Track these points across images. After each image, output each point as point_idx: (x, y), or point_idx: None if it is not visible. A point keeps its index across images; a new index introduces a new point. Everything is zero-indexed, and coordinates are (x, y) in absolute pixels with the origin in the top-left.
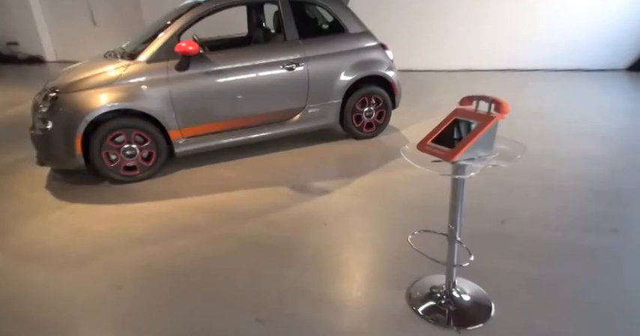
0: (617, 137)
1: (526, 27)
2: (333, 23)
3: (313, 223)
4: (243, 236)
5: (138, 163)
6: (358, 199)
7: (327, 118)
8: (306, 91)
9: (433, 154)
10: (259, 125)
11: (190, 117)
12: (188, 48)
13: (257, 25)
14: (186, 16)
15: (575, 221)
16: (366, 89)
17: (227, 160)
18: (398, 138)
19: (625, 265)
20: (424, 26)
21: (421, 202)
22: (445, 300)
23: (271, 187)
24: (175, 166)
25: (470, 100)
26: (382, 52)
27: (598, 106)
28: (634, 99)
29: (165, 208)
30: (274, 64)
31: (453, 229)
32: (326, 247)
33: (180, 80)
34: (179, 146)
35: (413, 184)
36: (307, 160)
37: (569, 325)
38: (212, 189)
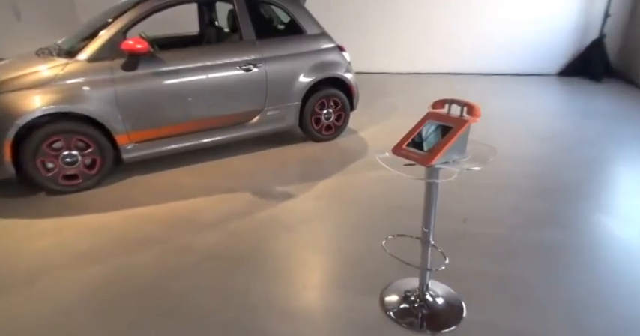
0: (555, 138)
1: (468, 34)
2: (290, 24)
3: (278, 230)
4: (204, 248)
5: (80, 171)
6: (323, 203)
7: (286, 121)
8: (264, 93)
9: (409, 159)
10: (215, 128)
11: (139, 120)
12: (136, 46)
13: (209, 24)
14: (133, 12)
15: (528, 218)
16: (325, 91)
17: (182, 166)
18: (357, 140)
19: (576, 258)
20: (375, 30)
21: (386, 204)
22: (419, 303)
23: (231, 194)
24: (124, 174)
25: (442, 104)
26: (340, 54)
27: (535, 109)
28: (565, 102)
29: (113, 220)
30: (230, 64)
31: (427, 232)
32: (293, 255)
33: (128, 81)
34: (127, 152)
35: (376, 187)
36: (267, 164)
37: (537, 323)
38: (166, 197)
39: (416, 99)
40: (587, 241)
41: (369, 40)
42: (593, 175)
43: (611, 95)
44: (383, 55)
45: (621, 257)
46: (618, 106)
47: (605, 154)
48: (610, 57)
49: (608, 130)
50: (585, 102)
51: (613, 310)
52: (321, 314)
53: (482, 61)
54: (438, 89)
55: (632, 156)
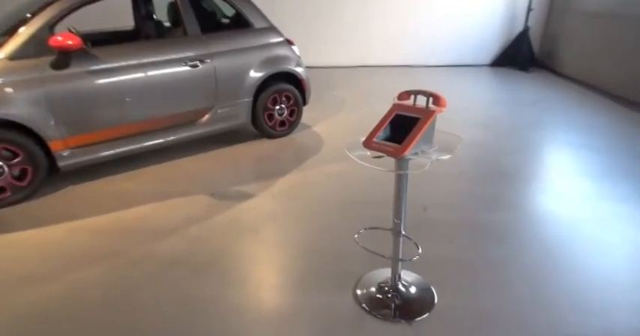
0: (495, 125)
1: (406, 27)
2: (236, 18)
3: (241, 231)
4: (164, 256)
5: (7, 183)
6: (283, 200)
7: (238, 118)
8: (214, 90)
9: (381, 151)
10: (162, 129)
11: (75, 124)
12: (66, 42)
13: (146, 18)
14: (60, 4)
15: (482, 203)
16: (277, 86)
17: (127, 171)
18: (311, 135)
19: (527, 237)
20: (318, 25)
21: (348, 198)
22: (392, 294)
23: (186, 198)
24: (61, 183)
25: (407, 95)
26: (289, 48)
27: (473, 98)
28: (499, 91)
29: (54, 235)
30: (175, 60)
31: (398, 223)
32: (261, 257)
33: (60, 81)
34: (63, 159)
35: (335, 181)
36: (221, 164)
37: (505, 302)
38: (112, 206)
39: (363, 92)
40: (535, 221)
41: (313, 35)
42: (533, 158)
43: (538, 84)
44: (326, 50)
45: (565, 232)
46: (545, 93)
47: (541, 138)
48: (534, 48)
49: (540, 116)
50: (517, 90)
51: (564, 281)
52: (296, 316)
53: (421, 53)
54: (382, 82)
55: (564, 140)
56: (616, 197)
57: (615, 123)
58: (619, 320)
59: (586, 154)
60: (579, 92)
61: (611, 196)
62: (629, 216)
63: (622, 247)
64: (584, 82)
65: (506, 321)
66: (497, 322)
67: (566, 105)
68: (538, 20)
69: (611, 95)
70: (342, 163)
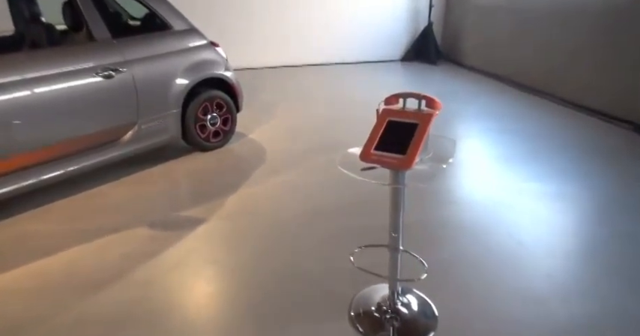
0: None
1: (318, 25)
2: (150, 19)
3: (199, 265)
4: (107, 315)
5: None
6: (239, 220)
7: (167, 132)
8: (135, 103)
9: (383, 164)
10: (75, 154)
11: None
12: None
13: (31, 21)
14: None
15: (434, 201)
16: (207, 94)
17: (32, 208)
18: (249, 144)
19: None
20: (231, 26)
21: (308, 208)
22: (391, 315)
23: (119, 233)
24: None
25: (396, 99)
26: (214, 50)
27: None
28: (413, 84)
29: None
30: (84, 71)
31: (396, 237)
32: (231, 292)
33: None
34: None
35: (289, 191)
36: (153, 186)
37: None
38: (25, 256)
39: (289, 93)
40: (476, 213)
41: (226, 37)
42: (468, 148)
43: (447, 76)
44: (240, 51)
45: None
46: (453, 84)
47: (466, 129)
48: (438, 42)
49: (458, 109)
50: (430, 83)
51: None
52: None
53: (336, 50)
54: (304, 82)
55: (486, 129)
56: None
57: (518, 107)
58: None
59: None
60: (481, 81)
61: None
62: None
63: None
64: (485, 71)
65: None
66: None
67: (472, 94)
68: (439, 16)
69: (510, 81)
70: (291, 171)
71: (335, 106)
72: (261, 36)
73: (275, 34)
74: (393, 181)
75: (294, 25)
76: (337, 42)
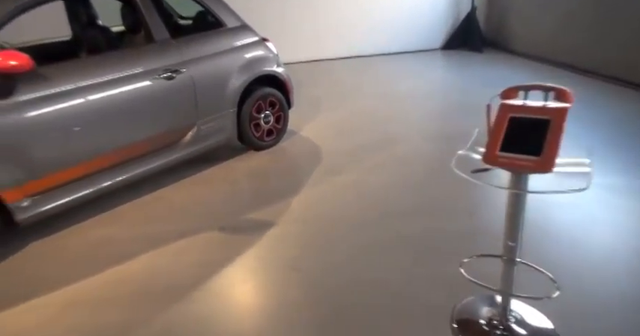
0: (479, 110)
1: (361, 16)
2: (202, 17)
3: (279, 272)
4: (197, 321)
5: None
6: (311, 224)
7: (224, 133)
8: (195, 103)
9: (516, 167)
10: (140, 157)
11: (34, 165)
12: (9, 63)
13: (88, 25)
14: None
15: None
16: (261, 92)
17: (100, 213)
18: (302, 142)
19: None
20: (265, 19)
21: (379, 210)
22: (502, 333)
23: (189, 238)
24: (16, 242)
25: (515, 92)
26: (266, 47)
27: (437, 84)
28: (460, 74)
29: (37, 317)
30: (145, 73)
31: (513, 246)
32: (314, 303)
33: (4, 112)
34: (22, 211)
35: (355, 193)
36: (213, 188)
37: None
38: (100, 263)
39: (331, 87)
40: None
41: (265, 30)
42: None
43: (496, 63)
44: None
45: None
46: (507, 73)
47: None
48: (482, 28)
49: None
50: (477, 72)
51: None
52: None
53: (372, 41)
54: (344, 75)
55: None
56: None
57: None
58: None
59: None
60: (534, 67)
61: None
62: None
63: None
64: (537, 56)
65: None
66: None
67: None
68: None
69: (566, 66)
70: (351, 170)
71: (380, 100)
72: (294, 29)
73: (308, 26)
74: (516, 186)
75: (327, 17)
76: (372, 32)
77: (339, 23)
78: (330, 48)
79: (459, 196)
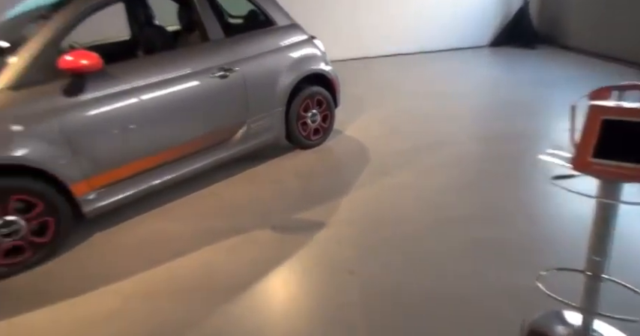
0: (544, 110)
1: (404, 13)
2: (254, 15)
3: (334, 274)
4: (254, 321)
5: (27, 241)
6: (362, 226)
7: (273, 131)
8: (246, 102)
9: (610, 175)
10: (196, 153)
11: (99, 159)
12: (80, 62)
13: (146, 25)
14: (64, 15)
15: None
16: (309, 90)
17: (157, 207)
18: (348, 142)
19: None
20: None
21: (434, 215)
22: None
23: (242, 235)
24: (81, 233)
25: (607, 92)
26: (315, 45)
27: (489, 82)
28: (512, 72)
29: (99, 306)
30: (202, 72)
31: (600, 261)
32: (371, 309)
33: (76, 109)
34: (89, 203)
35: (408, 195)
36: (262, 186)
37: None
38: (157, 256)
39: (373, 86)
40: None
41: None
42: None
43: (551, 61)
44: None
45: None
46: (565, 71)
47: None
48: (534, 23)
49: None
50: (530, 70)
51: None
52: None
53: (414, 39)
54: (385, 74)
55: None
56: None
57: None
58: None
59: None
60: (594, 64)
61: None
62: None
63: None
64: (596, 52)
65: None
66: None
67: (589, 79)
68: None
69: (631, 63)
70: (402, 172)
71: (426, 99)
72: (335, 26)
73: (348, 23)
74: (608, 195)
75: (368, 14)
76: (415, 29)
77: (381, 20)
78: (371, 45)
79: (519, 201)
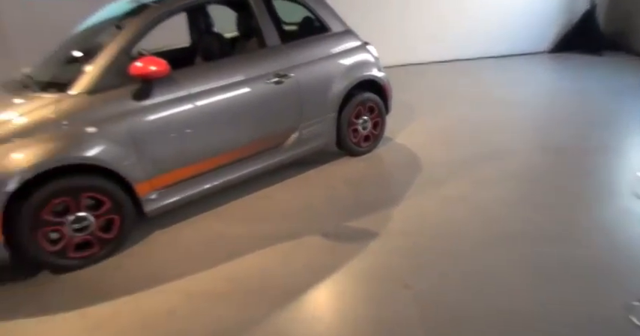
0: (613, 123)
1: (458, 17)
2: (309, 22)
3: (388, 287)
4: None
5: (95, 236)
6: (416, 240)
7: (324, 137)
8: (299, 108)
9: None
10: (249, 157)
11: (163, 161)
12: (149, 68)
13: (205, 32)
14: (136, 24)
15: None
16: (361, 97)
17: (210, 208)
18: (398, 150)
19: None
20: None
21: (495, 231)
22: None
23: (294, 241)
24: (142, 230)
25: None
26: (368, 51)
27: (557, 90)
28: (581, 80)
29: (162, 304)
30: (258, 78)
31: None
32: (437, 326)
33: (143, 113)
34: (150, 203)
35: (466, 211)
36: (314, 192)
37: None
38: (214, 256)
39: (425, 93)
40: None
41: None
42: None
43: (619, 68)
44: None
45: None
46: (632, 78)
47: None
48: (601, 27)
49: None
50: (597, 78)
51: None
52: None
53: (468, 45)
54: (437, 80)
55: None
56: None
57: None
58: None
59: None
60: None
61: None
62: None
63: None
64: None
65: None
66: None
67: None
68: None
69: None
70: (457, 183)
71: (482, 107)
72: (384, 31)
73: (398, 28)
74: None
75: (420, 18)
76: (469, 34)
77: (435, 25)
78: (423, 51)
79: (594, 219)
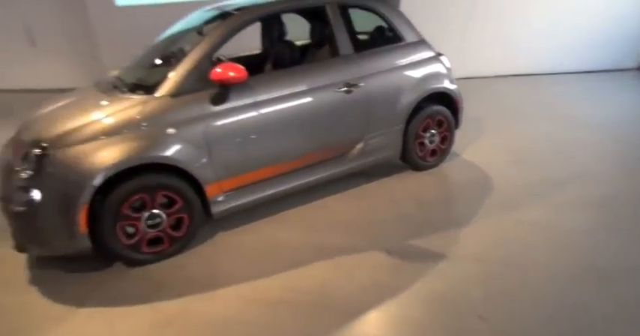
0: None
1: (534, 29)
2: (382, 31)
3: (459, 314)
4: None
5: (166, 233)
6: (490, 267)
7: (389, 149)
8: (367, 118)
9: None
10: (313, 165)
11: (232, 164)
12: (228, 74)
13: (278, 40)
14: (219, 30)
15: None
16: (430, 109)
17: (269, 215)
18: (465, 166)
19: None
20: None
21: (585, 266)
22: None
23: (356, 255)
24: (206, 231)
25: None
26: (441, 63)
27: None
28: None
29: (224, 307)
30: (329, 86)
31: None
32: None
33: (218, 117)
34: (218, 205)
35: (547, 239)
36: (375, 206)
37: None
38: (274, 263)
39: (494, 107)
40: None
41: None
42: None
43: None
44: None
45: None
46: None
47: None
48: None
49: None
50: None
51: None
52: None
53: (547, 58)
54: (509, 95)
55: None
56: None
57: None
58: None
59: None
60: None
61: None
62: None
63: None
64: None
65: None
66: None
67: None
68: None
69: None
70: (533, 207)
71: (558, 126)
72: (454, 43)
73: (469, 40)
74: None
75: (492, 30)
76: (547, 47)
77: (509, 36)
78: (495, 63)
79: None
